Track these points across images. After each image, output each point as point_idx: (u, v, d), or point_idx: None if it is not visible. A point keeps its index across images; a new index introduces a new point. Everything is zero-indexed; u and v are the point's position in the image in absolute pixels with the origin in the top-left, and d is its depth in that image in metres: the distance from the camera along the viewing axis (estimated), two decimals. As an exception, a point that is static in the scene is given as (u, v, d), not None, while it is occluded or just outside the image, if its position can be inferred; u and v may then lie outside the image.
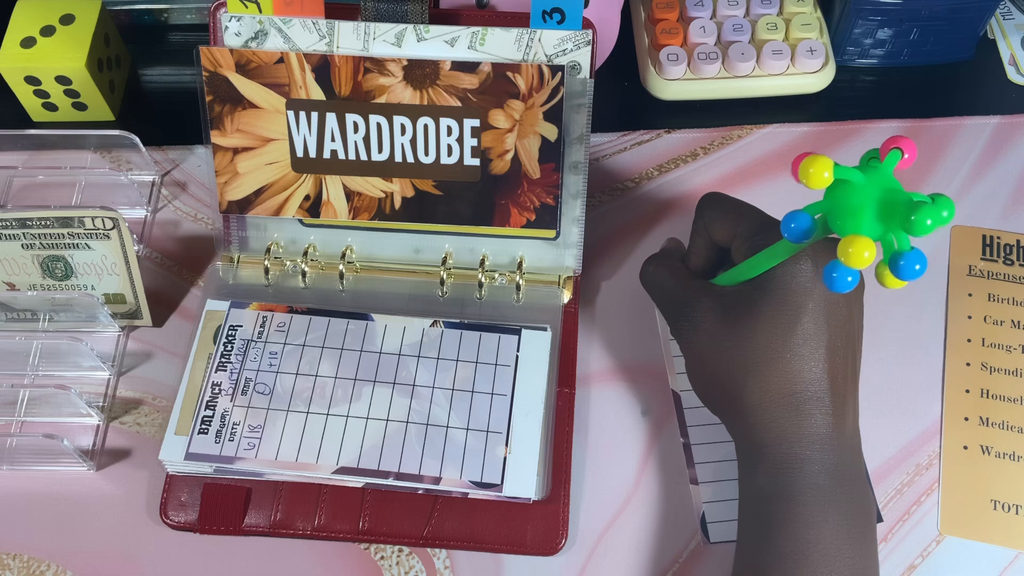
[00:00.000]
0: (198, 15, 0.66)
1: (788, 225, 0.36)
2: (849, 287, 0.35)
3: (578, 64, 0.49)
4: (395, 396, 0.50)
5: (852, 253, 0.33)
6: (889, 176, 0.35)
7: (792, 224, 0.36)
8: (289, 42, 0.50)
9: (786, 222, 0.36)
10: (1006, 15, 0.66)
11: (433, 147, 0.51)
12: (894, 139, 0.36)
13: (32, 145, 0.60)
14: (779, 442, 0.41)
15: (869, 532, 0.41)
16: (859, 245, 0.33)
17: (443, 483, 0.47)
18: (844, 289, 0.35)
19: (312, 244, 0.54)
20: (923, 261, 0.33)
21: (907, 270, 0.33)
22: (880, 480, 0.50)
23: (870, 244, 0.33)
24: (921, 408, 0.52)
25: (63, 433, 0.49)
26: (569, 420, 0.50)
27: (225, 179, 0.52)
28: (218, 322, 0.52)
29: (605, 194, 0.59)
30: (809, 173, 0.35)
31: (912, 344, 0.53)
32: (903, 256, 0.33)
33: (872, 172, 0.35)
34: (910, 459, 0.50)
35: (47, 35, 0.59)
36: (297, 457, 0.48)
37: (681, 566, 0.48)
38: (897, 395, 0.52)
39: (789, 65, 0.61)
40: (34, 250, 0.51)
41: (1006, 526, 0.48)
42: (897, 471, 0.50)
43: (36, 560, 0.48)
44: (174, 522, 0.48)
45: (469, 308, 0.54)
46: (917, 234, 0.33)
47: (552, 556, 0.48)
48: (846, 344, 0.42)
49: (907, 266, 0.33)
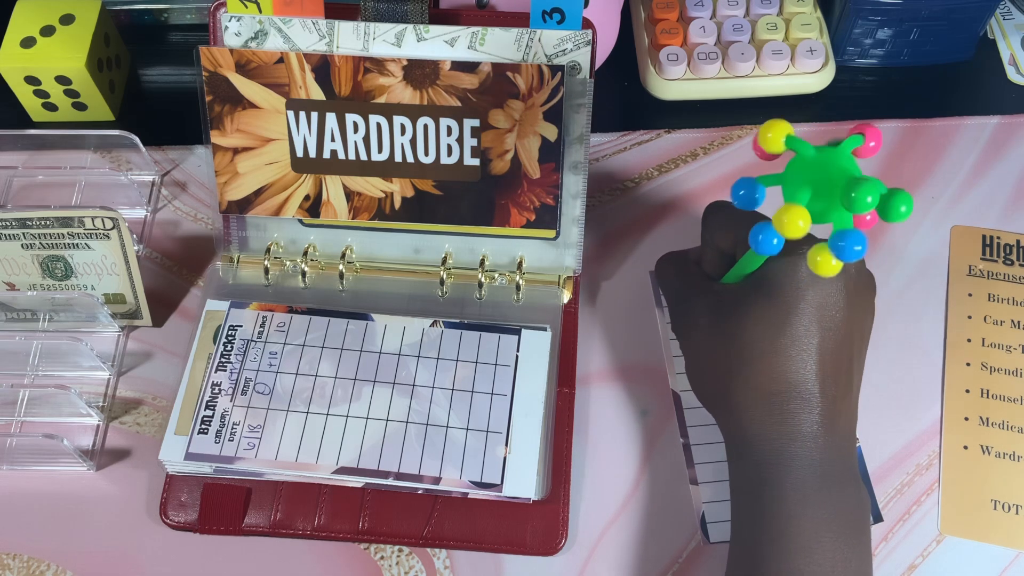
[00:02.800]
0: (198, 15, 0.66)
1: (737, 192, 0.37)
2: (772, 250, 0.35)
3: (578, 64, 0.49)
4: (395, 396, 0.50)
5: (786, 221, 0.34)
6: (845, 158, 0.35)
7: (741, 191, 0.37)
8: (289, 42, 0.50)
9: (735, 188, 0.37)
10: (1006, 15, 0.66)
11: (433, 147, 0.51)
12: (861, 125, 0.36)
13: (32, 145, 0.60)
14: (762, 439, 0.41)
15: (858, 530, 0.41)
16: (793, 213, 0.34)
17: (443, 483, 0.47)
18: (765, 251, 0.36)
19: (312, 244, 0.54)
20: (863, 242, 0.33)
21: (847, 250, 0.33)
22: (880, 480, 0.50)
23: (804, 214, 0.34)
24: (921, 408, 0.52)
25: (63, 433, 0.49)
26: (569, 420, 0.50)
27: (225, 179, 0.52)
28: (218, 322, 0.52)
29: (605, 194, 0.59)
30: (767, 137, 0.35)
31: (912, 344, 0.53)
32: (844, 236, 0.34)
33: (827, 151, 0.36)
34: (910, 459, 0.50)
35: (47, 35, 0.59)
36: (297, 457, 0.48)
37: (681, 566, 0.48)
38: (897, 395, 0.52)
39: (789, 65, 0.61)
40: (34, 250, 0.51)
41: (1006, 526, 0.48)
42: (897, 471, 0.50)
43: (36, 560, 0.48)
44: (174, 522, 0.48)
45: (469, 308, 0.54)
46: (856, 210, 0.33)
47: (552, 556, 0.48)
48: (840, 346, 0.42)
49: (847, 246, 0.33)
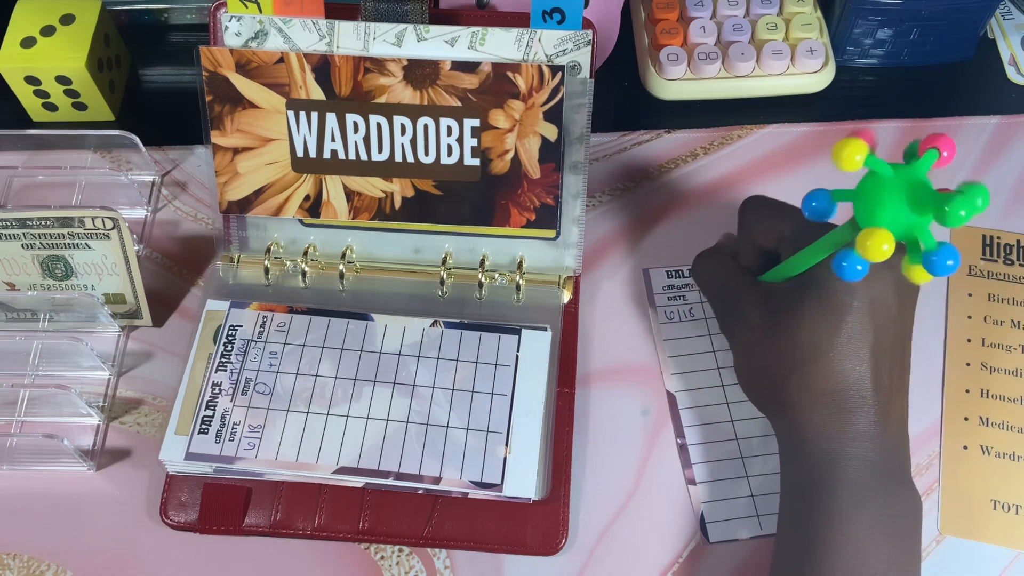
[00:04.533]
0: (198, 15, 0.66)
1: (809, 203, 0.37)
2: (857, 276, 0.35)
3: (578, 64, 0.49)
4: (395, 396, 0.50)
5: (870, 246, 0.33)
6: (921, 175, 0.35)
7: (813, 203, 0.37)
8: (289, 42, 0.50)
9: (807, 200, 0.37)
10: (1006, 15, 0.66)
11: (433, 147, 0.51)
12: (933, 137, 0.36)
13: (32, 145, 0.60)
14: (819, 438, 0.41)
15: (911, 530, 0.41)
16: (878, 237, 0.33)
17: (443, 483, 0.47)
18: (850, 278, 0.35)
19: (312, 244, 0.54)
20: (956, 256, 0.33)
21: (941, 265, 0.34)
22: (880, 480, 0.50)
23: (889, 237, 0.33)
24: (921, 408, 0.52)
25: (63, 433, 0.49)
26: (569, 420, 0.50)
27: (225, 179, 0.52)
28: (218, 322, 0.52)
29: (605, 194, 0.59)
30: (841, 155, 0.35)
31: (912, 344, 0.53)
32: (936, 252, 0.34)
33: (903, 168, 0.35)
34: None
35: (47, 35, 0.59)
36: (297, 457, 0.48)
37: (681, 566, 0.48)
38: (897, 395, 0.52)
39: (789, 65, 0.61)
40: (34, 250, 0.51)
41: (1006, 526, 0.48)
42: (897, 471, 0.50)
43: (36, 560, 0.48)
44: (174, 522, 0.48)
45: (469, 308, 0.54)
46: (949, 224, 0.33)
47: (552, 556, 0.48)
48: (893, 344, 0.42)
49: (940, 262, 0.33)
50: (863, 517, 0.40)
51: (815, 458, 0.41)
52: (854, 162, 0.35)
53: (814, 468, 0.41)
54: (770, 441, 0.50)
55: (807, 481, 0.42)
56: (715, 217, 0.57)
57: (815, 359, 0.41)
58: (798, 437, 0.42)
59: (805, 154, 0.60)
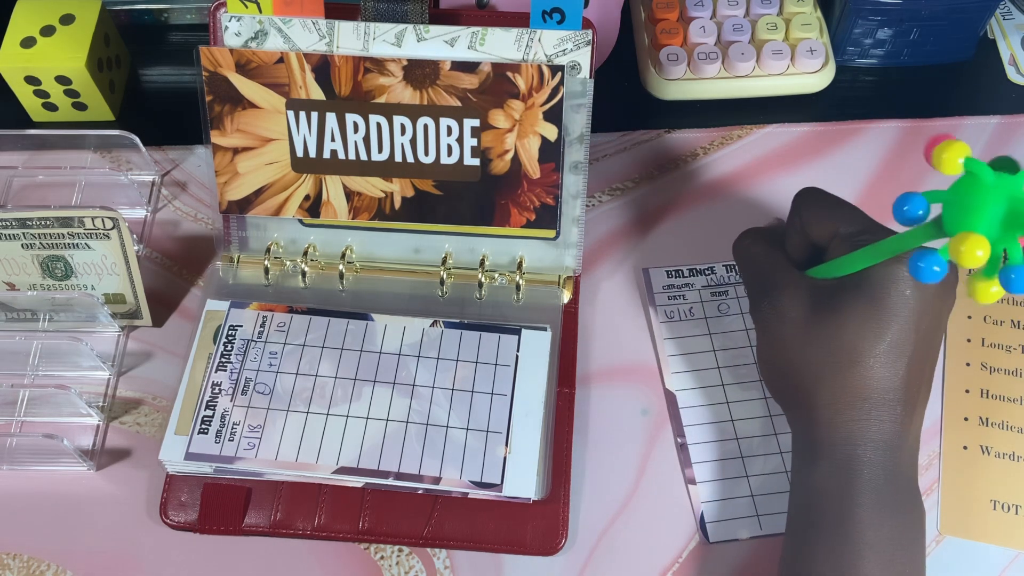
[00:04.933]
0: (198, 15, 0.66)
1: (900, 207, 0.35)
2: (935, 278, 0.34)
3: (578, 64, 0.49)
4: (395, 396, 0.50)
5: (964, 251, 0.32)
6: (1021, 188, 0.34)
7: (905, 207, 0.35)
8: (289, 42, 0.50)
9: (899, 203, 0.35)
10: (1006, 15, 0.66)
11: (433, 147, 0.51)
12: None
13: (32, 145, 0.60)
14: (844, 443, 0.41)
15: (920, 540, 0.41)
16: (973, 242, 0.32)
17: (443, 483, 0.47)
18: (928, 279, 0.34)
19: (312, 244, 0.54)
20: None
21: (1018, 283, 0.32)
22: (880, 480, 0.50)
23: (984, 243, 0.32)
24: (921, 408, 0.52)
25: (63, 433, 0.49)
26: (569, 420, 0.50)
27: (225, 179, 0.52)
28: (218, 322, 0.52)
29: (605, 194, 0.59)
30: (943, 157, 0.33)
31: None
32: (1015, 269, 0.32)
33: (1006, 178, 0.34)
34: (910, 459, 0.50)
35: (47, 35, 0.59)
36: (297, 457, 0.48)
37: (681, 566, 0.48)
38: (897, 395, 0.52)
39: (789, 65, 0.61)
40: (34, 250, 0.51)
41: (1006, 526, 0.48)
42: (897, 471, 0.50)
43: (36, 560, 0.48)
44: (174, 522, 0.48)
45: (469, 308, 0.54)
46: None
47: (552, 556, 0.48)
48: (927, 354, 0.41)
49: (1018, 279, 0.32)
50: (884, 528, 0.40)
51: (836, 461, 0.41)
52: (956, 165, 0.33)
53: (835, 472, 0.41)
54: (770, 441, 0.50)
55: (826, 485, 0.41)
56: (715, 217, 0.57)
57: (854, 363, 0.41)
58: (820, 438, 0.42)
59: (805, 154, 0.60)
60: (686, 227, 0.58)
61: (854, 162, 0.60)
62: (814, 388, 0.42)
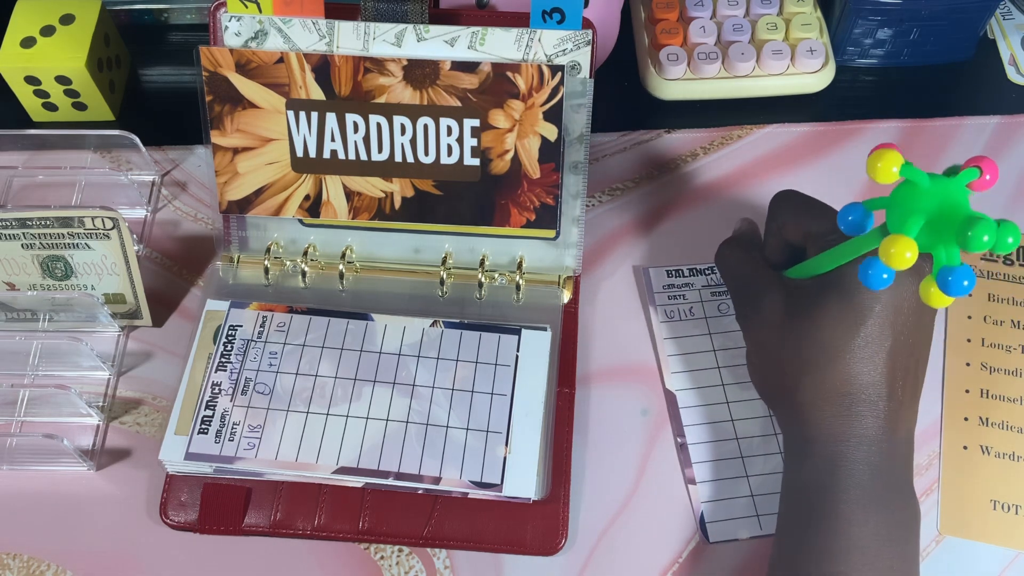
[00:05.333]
0: (198, 15, 0.66)
1: (845, 217, 0.36)
2: (882, 285, 0.34)
3: (578, 64, 0.49)
4: (395, 396, 0.50)
5: (893, 253, 0.33)
6: (959, 191, 0.34)
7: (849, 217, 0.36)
8: (289, 42, 0.50)
9: (843, 214, 0.36)
10: (1006, 15, 0.66)
11: (433, 147, 0.51)
12: (978, 159, 0.35)
13: (32, 145, 0.60)
14: (826, 439, 0.41)
15: (912, 539, 0.41)
16: (901, 245, 0.33)
17: (443, 483, 0.47)
18: (876, 287, 0.35)
19: (312, 244, 0.54)
20: (971, 277, 0.33)
21: (955, 285, 0.33)
22: (880, 480, 0.50)
23: (912, 245, 0.33)
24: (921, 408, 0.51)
25: (63, 433, 0.49)
26: (569, 420, 0.50)
27: (225, 179, 0.52)
28: (218, 322, 0.52)
29: (605, 194, 0.59)
30: (877, 167, 0.34)
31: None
32: (952, 271, 0.33)
33: (940, 181, 0.35)
34: (910, 459, 0.50)
35: (47, 35, 0.59)
36: (297, 457, 0.48)
37: (681, 566, 0.48)
38: (897, 395, 0.52)
39: (789, 65, 0.61)
40: (34, 250, 0.51)
41: (1006, 526, 0.48)
42: (897, 471, 0.50)
43: (36, 560, 0.48)
44: (174, 522, 0.48)
45: (469, 308, 0.54)
46: (971, 249, 0.32)
47: (552, 556, 0.48)
48: (909, 352, 0.42)
49: (955, 282, 0.33)
50: (869, 523, 0.40)
51: (821, 459, 0.41)
52: (890, 173, 0.34)
53: (820, 469, 0.41)
54: (770, 441, 0.50)
55: (812, 482, 0.41)
56: (715, 216, 0.57)
57: (831, 360, 0.41)
58: (805, 436, 0.42)
59: (805, 154, 0.60)
60: (686, 227, 0.58)
61: (854, 162, 0.60)
62: (797, 387, 0.42)
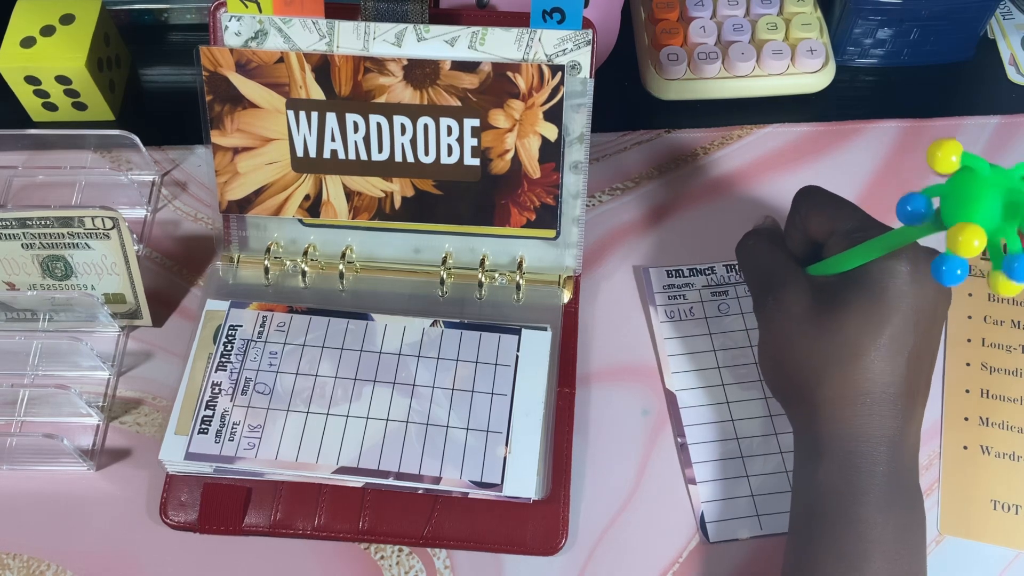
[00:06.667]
0: (198, 15, 0.66)
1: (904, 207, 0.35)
2: (958, 280, 0.33)
3: (578, 64, 0.49)
4: (395, 396, 0.50)
5: (961, 241, 0.32)
6: (1017, 180, 0.34)
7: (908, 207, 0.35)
8: (289, 42, 0.50)
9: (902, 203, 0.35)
10: (1006, 15, 0.66)
11: (433, 147, 0.51)
12: None
13: (32, 145, 0.60)
14: (848, 439, 0.41)
15: (922, 537, 0.41)
16: (969, 233, 0.32)
17: (443, 483, 0.47)
18: (952, 282, 0.34)
19: (312, 244, 0.54)
20: None
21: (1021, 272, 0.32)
22: (880, 480, 0.50)
23: (980, 233, 0.32)
24: (921, 408, 0.52)
25: (63, 433, 0.49)
26: (569, 420, 0.50)
27: (225, 179, 0.52)
28: (218, 322, 0.52)
29: (605, 194, 0.59)
30: (936, 156, 0.34)
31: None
32: (1017, 258, 0.32)
33: (1001, 170, 0.34)
34: (910, 459, 0.50)
35: (47, 35, 0.59)
36: (297, 457, 0.48)
37: (681, 566, 0.48)
38: (897, 395, 0.52)
39: (789, 65, 0.61)
40: (34, 250, 0.51)
41: (1006, 526, 0.48)
42: (897, 471, 0.50)
43: (36, 560, 0.48)
44: (174, 522, 0.48)
45: (469, 308, 0.54)
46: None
47: (552, 556, 0.48)
48: (927, 351, 0.42)
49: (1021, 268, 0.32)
50: (888, 525, 0.40)
51: (838, 458, 0.41)
52: (950, 163, 0.34)
53: (837, 470, 0.41)
54: (771, 441, 0.50)
55: (828, 483, 0.41)
56: (716, 216, 0.58)
57: (854, 358, 0.41)
58: (823, 435, 0.42)
59: (805, 154, 0.60)
60: (686, 227, 0.58)
61: (854, 162, 0.60)
62: (816, 384, 0.42)
